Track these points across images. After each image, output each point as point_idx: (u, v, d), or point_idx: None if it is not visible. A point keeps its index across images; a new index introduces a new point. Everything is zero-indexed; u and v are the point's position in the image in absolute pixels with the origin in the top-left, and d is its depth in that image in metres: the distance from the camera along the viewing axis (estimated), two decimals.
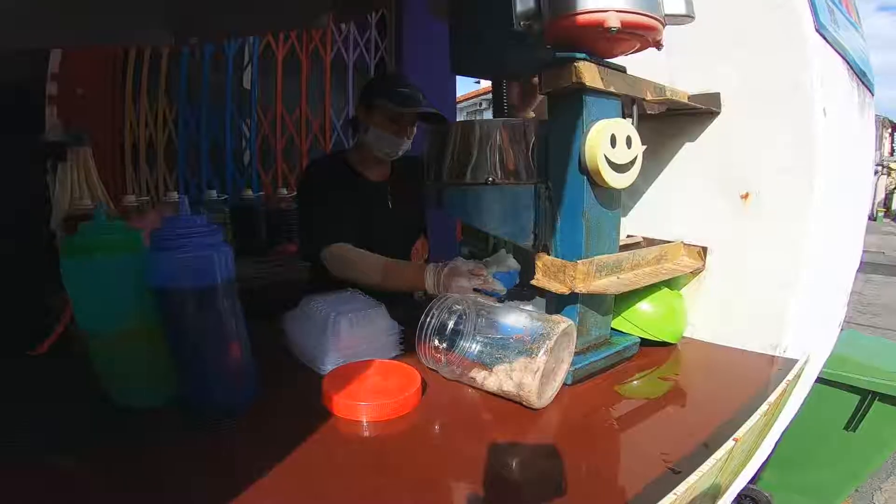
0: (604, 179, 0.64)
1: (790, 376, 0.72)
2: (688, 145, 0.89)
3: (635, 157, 0.68)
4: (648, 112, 0.79)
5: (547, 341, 0.59)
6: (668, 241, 0.88)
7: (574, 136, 0.67)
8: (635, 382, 0.73)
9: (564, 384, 0.68)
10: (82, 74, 1.88)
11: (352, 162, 1.24)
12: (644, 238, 0.92)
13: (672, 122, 0.89)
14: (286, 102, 2.42)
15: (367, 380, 0.66)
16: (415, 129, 1.23)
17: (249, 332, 0.65)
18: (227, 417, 0.61)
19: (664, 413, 0.66)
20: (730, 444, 0.55)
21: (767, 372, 0.75)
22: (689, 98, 0.81)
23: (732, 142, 0.83)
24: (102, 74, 1.96)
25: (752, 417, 0.61)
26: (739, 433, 0.57)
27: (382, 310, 0.79)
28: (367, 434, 0.59)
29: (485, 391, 0.66)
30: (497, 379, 0.64)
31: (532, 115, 0.96)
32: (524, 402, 0.62)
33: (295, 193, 1.87)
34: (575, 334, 0.66)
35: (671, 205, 0.91)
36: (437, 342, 0.68)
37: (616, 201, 0.71)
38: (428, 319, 0.69)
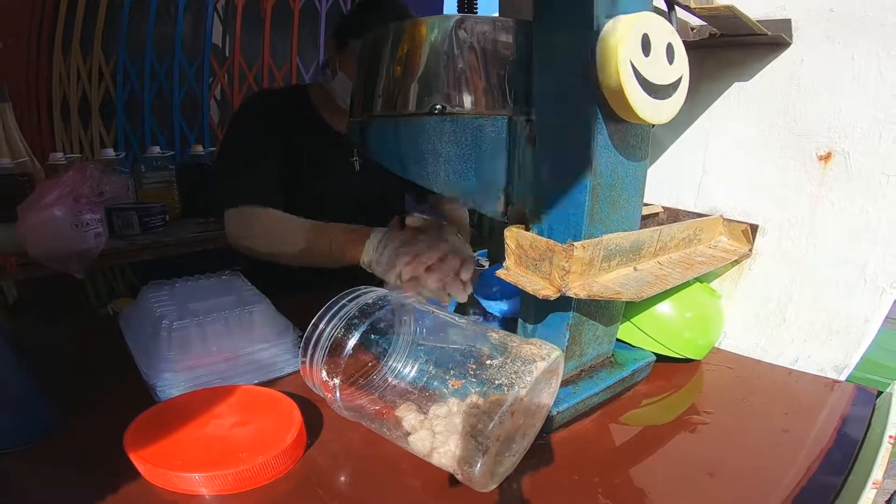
0: (629, 105, 0.36)
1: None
2: (738, 86, 0.61)
3: (680, 78, 0.41)
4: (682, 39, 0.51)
5: (508, 397, 0.33)
6: (702, 215, 0.61)
7: (578, 39, 0.39)
8: (645, 424, 0.48)
9: (541, 432, 0.43)
10: (4, 27, 1.65)
11: (315, 101, 0.89)
12: (664, 208, 0.65)
13: (713, 54, 0.61)
14: (246, 54, 2.19)
15: (214, 424, 0.41)
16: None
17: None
18: None
19: (694, 482, 0.40)
20: None
21: (844, 406, 0.50)
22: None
23: (809, 84, 0.56)
24: (26, 26, 1.72)
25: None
26: None
27: (265, 306, 0.51)
28: None
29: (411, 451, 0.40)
30: (428, 433, 0.38)
31: None
32: (466, 482, 0.36)
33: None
34: (562, 366, 0.40)
35: (706, 164, 0.64)
36: (325, 373, 0.41)
37: (643, 147, 0.44)
38: (323, 326, 0.42)
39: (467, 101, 0.45)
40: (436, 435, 0.39)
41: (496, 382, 0.33)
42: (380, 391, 0.44)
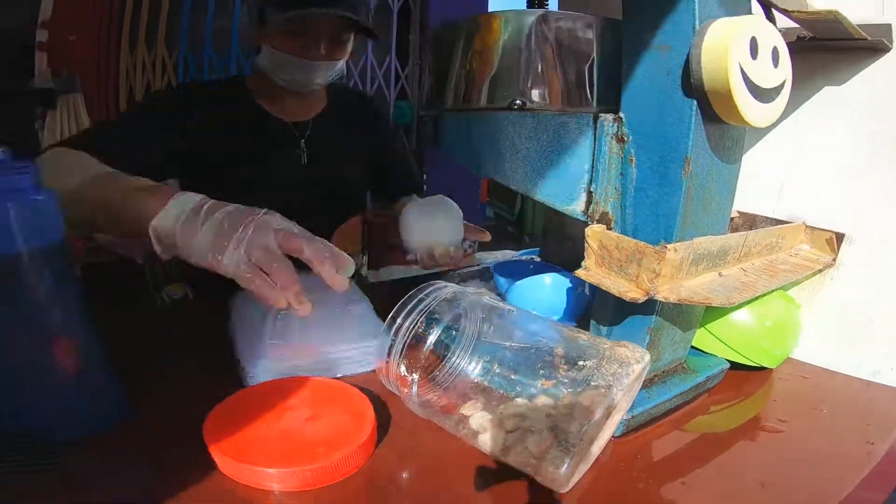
0: (735, 108, 0.35)
1: None
2: (828, 90, 0.58)
3: (784, 82, 0.39)
4: None
5: (605, 400, 0.32)
6: (780, 221, 0.59)
7: (676, 38, 0.37)
8: (710, 430, 0.47)
9: (612, 436, 0.42)
10: (75, 21, 1.75)
11: (253, 89, 0.85)
12: (739, 213, 0.63)
13: (803, 57, 0.58)
14: None
15: (285, 417, 0.41)
16: (347, 45, 0.81)
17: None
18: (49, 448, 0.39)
19: (741, 491, 0.38)
20: None
21: None
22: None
23: None
24: (97, 21, 1.85)
25: None
26: None
27: (365, 306, 0.53)
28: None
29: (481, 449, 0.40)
30: (500, 432, 0.38)
31: None
32: (542, 482, 0.36)
33: None
34: (645, 372, 0.39)
35: (788, 169, 0.61)
36: (404, 369, 0.42)
37: (737, 149, 0.42)
38: (401, 321, 0.42)
39: (549, 97, 0.45)
40: (508, 434, 0.39)
41: (593, 383, 0.32)
42: (453, 388, 0.44)
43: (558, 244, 0.84)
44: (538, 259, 0.88)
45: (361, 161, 0.96)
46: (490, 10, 2.87)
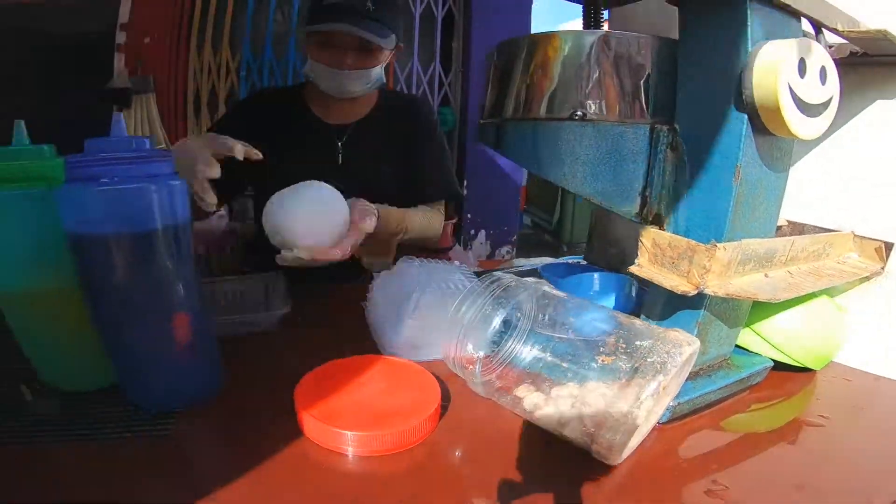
0: (784, 122, 0.39)
1: None
2: (880, 103, 0.60)
3: (831, 99, 0.43)
4: None
5: (660, 375, 0.36)
6: (829, 230, 0.61)
7: (729, 58, 0.42)
8: (756, 424, 0.50)
9: (657, 422, 0.46)
10: (150, 23, 1.89)
11: (306, 95, 0.96)
12: (788, 221, 0.65)
13: (854, 70, 0.60)
14: None
15: (362, 389, 0.47)
16: (377, 55, 0.87)
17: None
18: (163, 413, 0.45)
19: (778, 494, 0.40)
20: None
21: None
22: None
23: None
24: (169, 23, 1.98)
25: None
26: None
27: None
28: (348, 468, 0.40)
29: (536, 423, 0.45)
30: (556, 411, 0.42)
31: None
32: (594, 455, 0.40)
33: None
34: (695, 358, 0.43)
35: (837, 178, 0.63)
36: (471, 346, 0.47)
37: (785, 159, 0.46)
38: (466, 308, 0.48)
39: (607, 109, 0.50)
40: (564, 411, 0.43)
41: (649, 359, 0.37)
42: (511, 369, 0.49)
43: (603, 249, 0.88)
44: (583, 263, 0.92)
45: (397, 163, 1.00)
46: (532, 17, 2.92)
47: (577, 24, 0.68)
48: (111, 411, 0.45)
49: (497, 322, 0.46)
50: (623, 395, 0.37)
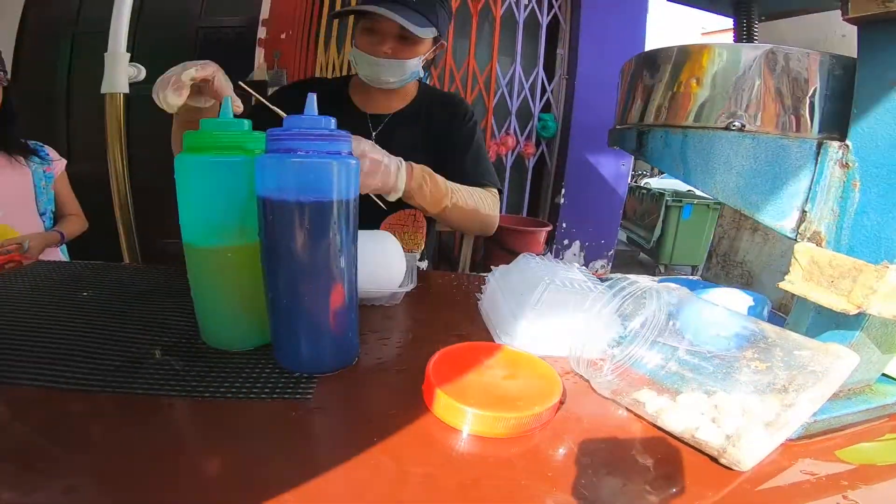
0: None
1: None
2: None
3: None
4: None
5: (821, 384, 0.37)
6: None
7: None
8: (874, 461, 0.46)
9: (788, 438, 0.46)
10: (286, 20, 2.06)
11: (349, 85, 1.00)
12: None
13: None
14: (455, 56, 2.44)
15: (486, 373, 0.49)
16: (414, 47, 0.89)
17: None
18: (305, 377, 0.50)
19: None
20: None
21: None
22: None
23: None
24: (302, 20, 2.14)
25: None
26: None
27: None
28: (461, 449, 0.42)
29: (655, 425, 0.46)
30: (685, 415, 0.43)
31: None
32: (722, 460, 0.41)
33: None
34: (846, 376, 0.42)
35: None
36: (603, 343, 0.49)
37: None
38: (599, 308, 0.50)
39: (768, 121, 0.50)
40: (694, 416, 0.44)
41: (810, 368, 0.37)
42: (637, 372, 0.51)
43: (725, 268, 0.85)
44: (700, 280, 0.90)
45: (428, 157, 1.00)
46: (646, 27, 2.84)
47: (690, 36, 0.68)
48: (259, 372, 0.50)
49: (636, 324, 0.48)
50: (776, 401, 0.38)
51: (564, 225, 2.83)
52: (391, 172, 0.74)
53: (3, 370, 0.46)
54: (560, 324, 0.58)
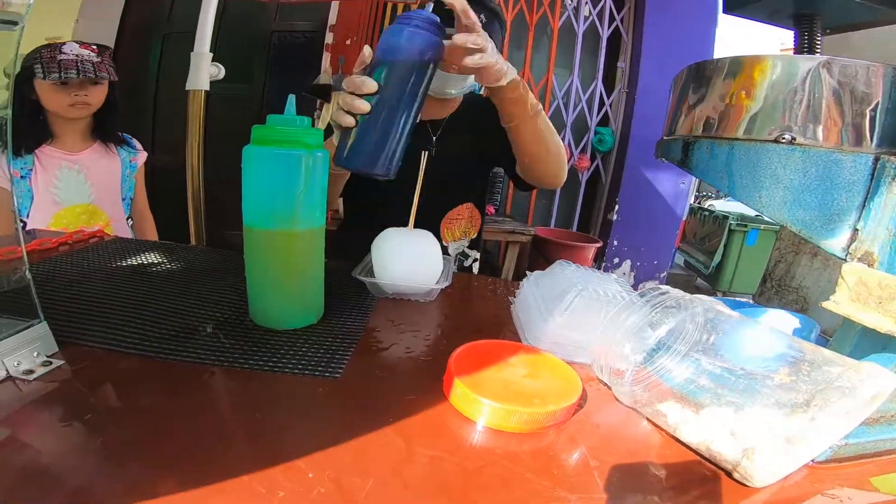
0: None
1: None
2: None
3: None
4: None
5: (846, 399, 0.35)
6: None
7: None
8: None
9: (813, 460, 0.43)
10: (352, 26, 2.16)
11: None
12: None
13: None
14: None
15: (509, 370, 0.50)
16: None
17: None
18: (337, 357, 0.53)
19: None
20: None
21: None
22: None
23: None
24: (365, 27, 2.22)
25: None
26: None
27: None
28: (472, 439, 0.42)
29: (674, 437, 0.45)
30: (704, 428, 0.42)
31: None
32: (735, 474, 0.39)
33: None
34: (885, 398, 0.39)
35: None
36: (629, 348, 0.49)
37: None
38: (626, 316, 0.49)
39: (821, 135, 0.48)
40: (713, 429, 0.43)
41: (836, 384, 0.35)
42: (663, 383, 0.50)
43: (780, 293, 0.81)
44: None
45: (481, 157, 1.09)
46: (714, 41, 2.74)
47: (763, 48, 0.66)
48: (296, 350, 0.53)
49: (661, 332, 0.47)
50: (797, 415, 0.36)
51: (616, 242, 2.75)
52: (505, 65, 0.78)
53: (78, 332, 0.52)
54: (589, 331, 0.58)
